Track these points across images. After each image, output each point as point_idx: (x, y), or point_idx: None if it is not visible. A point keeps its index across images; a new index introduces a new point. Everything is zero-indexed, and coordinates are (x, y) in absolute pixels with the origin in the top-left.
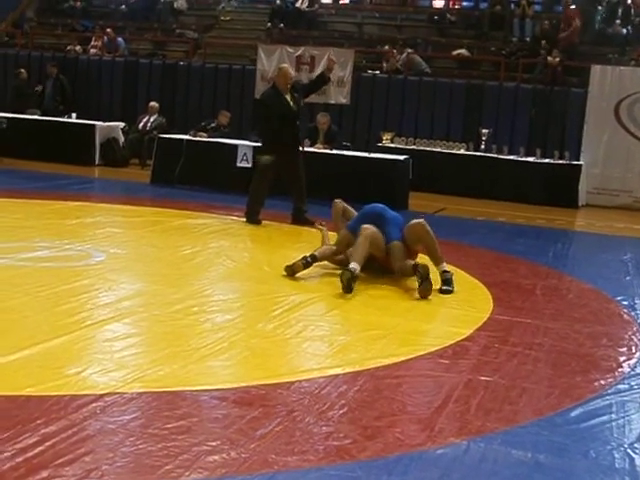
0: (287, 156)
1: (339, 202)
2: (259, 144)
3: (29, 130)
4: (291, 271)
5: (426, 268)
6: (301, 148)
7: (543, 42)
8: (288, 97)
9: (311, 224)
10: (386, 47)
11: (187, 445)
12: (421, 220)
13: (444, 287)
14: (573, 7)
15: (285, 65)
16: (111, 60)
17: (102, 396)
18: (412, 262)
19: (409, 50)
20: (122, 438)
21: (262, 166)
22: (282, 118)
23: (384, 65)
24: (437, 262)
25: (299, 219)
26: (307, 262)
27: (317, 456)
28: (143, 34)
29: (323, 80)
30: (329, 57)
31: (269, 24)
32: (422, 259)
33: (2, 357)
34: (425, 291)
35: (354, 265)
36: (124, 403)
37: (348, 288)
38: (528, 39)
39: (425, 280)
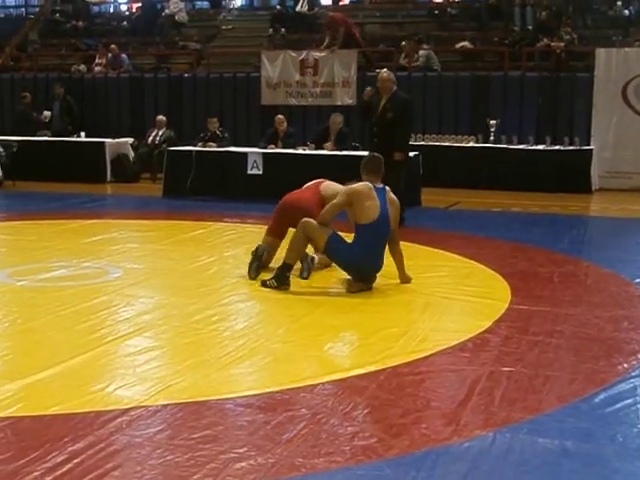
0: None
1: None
2: None
3: (39, 152)
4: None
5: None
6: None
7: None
8: (383, 101)
9: None
10: (403, 43)
11: (214, 454)
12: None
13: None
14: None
15: (381, 70)
16: (116, 77)
17: (127, 410)
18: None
19: (425, 46)
20: (149, 451)
21: None
22: (371, 120)
23: (401, 62)
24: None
25: None
26: None
27: (344, 457)
28: (146, 49)
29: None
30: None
31: (271, 30)
32: None
33: (27, 377)
34: None
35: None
36: (149, 416)
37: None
38: (530, 27)
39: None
